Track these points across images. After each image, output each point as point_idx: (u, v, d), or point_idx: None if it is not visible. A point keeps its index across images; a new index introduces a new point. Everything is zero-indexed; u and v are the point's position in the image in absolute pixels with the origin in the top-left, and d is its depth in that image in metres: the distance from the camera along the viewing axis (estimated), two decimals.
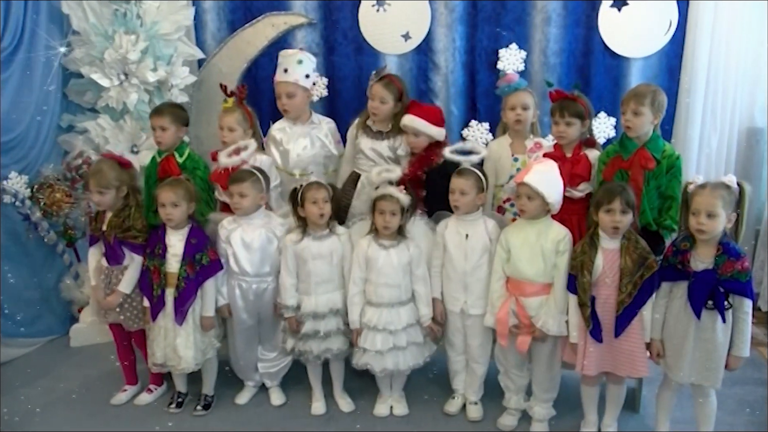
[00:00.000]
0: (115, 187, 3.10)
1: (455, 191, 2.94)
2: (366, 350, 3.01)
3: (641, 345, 2.75)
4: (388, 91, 3.41)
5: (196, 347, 3.09)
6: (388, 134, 3.47)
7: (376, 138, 3.48)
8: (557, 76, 3.89)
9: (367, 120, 3.51)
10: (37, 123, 3.88)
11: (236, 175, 3.07)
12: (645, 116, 2.87)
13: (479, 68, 4.00)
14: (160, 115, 3.39)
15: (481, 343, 3.09)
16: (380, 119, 3.46)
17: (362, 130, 3.52)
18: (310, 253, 3.04)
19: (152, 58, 3.82)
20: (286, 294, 3.09)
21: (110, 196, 3.10)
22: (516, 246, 2.86)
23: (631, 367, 2.77)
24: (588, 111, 3.08)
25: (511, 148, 3.42)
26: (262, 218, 3.15)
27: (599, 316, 2.73)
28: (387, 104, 3.41)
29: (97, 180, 3.08)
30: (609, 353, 2.78)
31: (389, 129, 3.46)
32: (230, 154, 3.19)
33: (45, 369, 3.69)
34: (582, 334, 2.78)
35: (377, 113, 3.43)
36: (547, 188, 2.78)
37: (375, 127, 3.49)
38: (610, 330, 2.74)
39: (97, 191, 3.09)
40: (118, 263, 3.16)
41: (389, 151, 3.45)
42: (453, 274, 3.02)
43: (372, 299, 3.01)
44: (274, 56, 4.05)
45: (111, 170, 3.11)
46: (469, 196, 2.94)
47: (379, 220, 2.96)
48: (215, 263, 3.08)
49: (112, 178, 3.09)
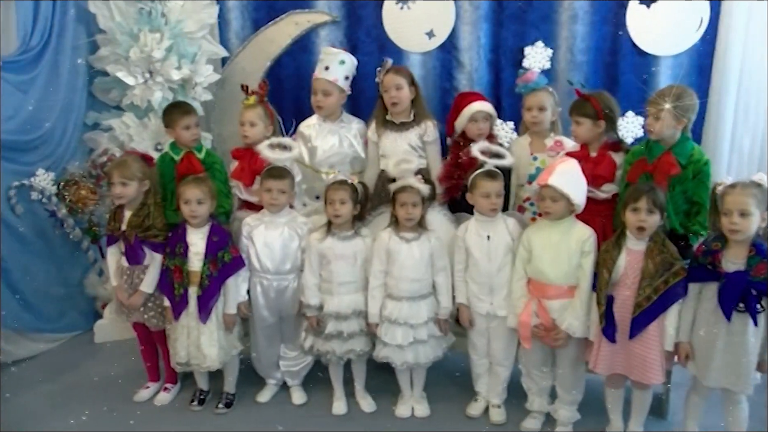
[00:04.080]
0: (138, 179, 3.12)
1: (491, 195, 2.92)
2: (386, 344, 3.02)
3: (656, 351, 2.71)
4: (401, 77, 3.41)
5: (220, 345, 3.11)
6: (412, 123, 3.47)
7: (401, 130, 3.48)
8: (584, 74, 3.84)
9: (386, 116, 3.50)
10: (64, 121, 3.94)
11: (276, 171, 3.09)
12: (665, 121, 2.80)
13: (504, 66, 3.99)
14: (193, 113, 3.42)
15: (505, 345, 3.07)
16: (402, 108, 3.45)
17: (383, 126, 3.51)
18: (334, 253, 3.04)
19: (176, 56, 3.86)
20: (308, 293, 3.10)
21: (133, 188, 3.11)
22: (538, 247, 2.85)
23: (643, 372, 2.74)
24: (603, 111, 3.01)
25: (531, 147, 3.40)
26: (286, 216, 3.17)
27: (616, 317, 2.72)
28: (404, 89, 3.41)
29: (121, 171, 3.10)
30: (622, 355, 2.76)
31: (412, 118, 3.47)
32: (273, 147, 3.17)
33: (69, 364, 3.74)
34: (597, 332, 2.77)
35: (398, 101, 3.41)
36: (572, 189, 2.77)
37: (398, 120, 3.48)
38: (626, 332, 2.72)
39: (120, 182, 3.09)
40: (139, 263, 3.18)
41: (418, 140, 3.45)
42: (478, 276, 3.01)
43: (393, 293, 3.01)
44: (297, 55, 4.14)
45: (135, 162, 3.14)
46: (502, 198, 2.95)
47: (401, 212, 2.96)
48: (237, 260, 3.10)
49: (136, 170, 3.12)
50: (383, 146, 3.51)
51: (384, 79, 3.44)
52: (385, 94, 3.45)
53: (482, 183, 2.92)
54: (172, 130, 3.39)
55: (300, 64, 4.12)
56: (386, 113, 3.51)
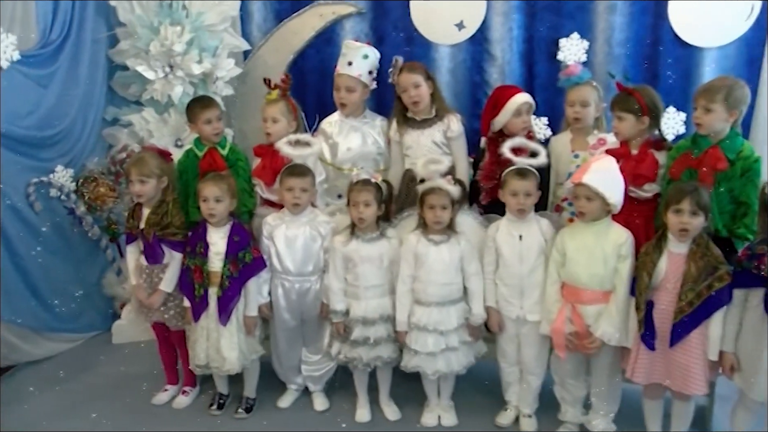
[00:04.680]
0: (156, 176, 3.15)
1: (519, 194, 2.89)
2: (417, 352, 3.00)
3: (699, 360, 2.67)
4: (417, 74, 3.39)
5: (240, 348, 3.12)
6: (434, 119, 3.45)
7: (424, 127, 3.46)
8: (622, 68, 3.77)
9: (406, 113, 3.49)
10: (83, 116, 3.99)
11: (297, 168, 3.09)
12: (717, 113, 2.76)
13: (538, 59, 3.96)
14: (214, 106, 3.42)
15: (537, 352, 3.04)
16: (423, 106, 3.43)
17: (405, 125, 3.49)
18: (359, 256, 3.03)
19: (197, 49, 3.89)
20: (334, 298, 3.10)
21: (151, 185, 3.14)
22: (572, 249, 2.82)
23: (684, 382, 2.70)
24: (647, 106, 2.96)
25: (572, 145, 3.37)
26: (307, 215, 3.17)
27: (655, 323, 2.69)
28: (422, 86, 3.39)
29: (139, 168, 3.13)
30: (662, 364, 2.73)
31: (434, 114, 3.45)
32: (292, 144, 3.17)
33: (87, 365, 3.79)
34: (636, 338, 2.74)
35: (418, 101, 3.40)
36: (607, 188, 2.73)
37: (419, 117, 3.47)
38: (666, 339, 2.69)
39: (138, 180, 3.12)
40: (158, 262, 3.21)
41: (441, 136, 3.43)
42: (508, 278, 2.98)
43: (421, 298, 2.99)
44: (321, 47, 4.14)
45: (153, 159, 3.18)
46: (533, 198, 2.92)
47: (429, 215, 2.94)
48: (258, 261, 3.11)
49: (154, 167, 3.14)
50: (406, 145, 3.50)
51: (399, 80, 3.41)
52: (403, 95, 3.43)
53: (511, 181, 2.91)
54: (194, 125, 3.41)
55: (324, 57, 4.12)
56: (406, 110, 3.50)
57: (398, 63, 3.46)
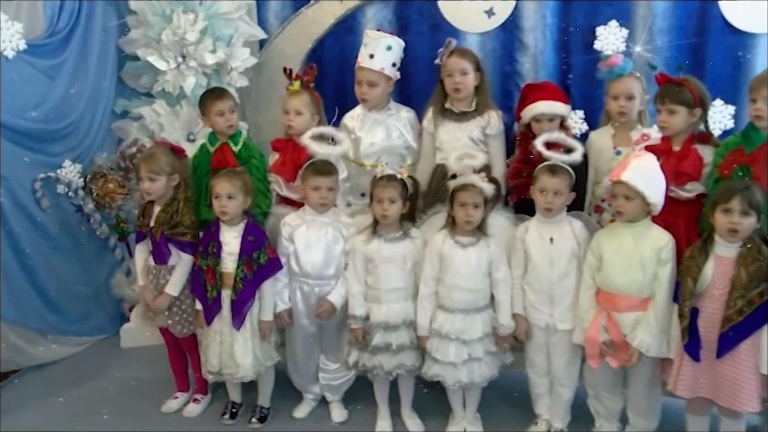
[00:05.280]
0: (166, 174, 3.15)
1: (548, 192, 2.86)
2: (437, 360, 2.97)
3: (750, 374, 2.61)
4: (467, 61, 3.35)
5: (255, 354, 3.12)
6: (474, 114, 3.41)
7: (461, 120, 3.42)
8: (664, 58, 3.74)
9: (445, 104, 3.45)
10: (92, 109, 4.01)
11: (324, 166, 3.06)
12: None
13: (573, 48, 3.92)
14: (227, 97, 3.41)
15: (567, 363, 3.01)
16: (465, 95, 3.39)
17: (441, 115, 3.45)
18: (381, 257, 3.01)
19: (211, 38, 3.89)
20: (353, 302, 3.07)
21: (161, 183, 3.14)
22: (609, 253, 2.78)
23: (733, 397, 2.63)
24: (698, 98, 2.93)
25: (614, 141, 3.31)
26: (330, 216, 3.14)
27: (700, 332, 2.65)
28: (469, 75, 3.36)
29: (149, 165, 3.13)
30: (708, 377, 2.67)
31: (474, 108, 3.42)
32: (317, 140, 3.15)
33: (93, 370, 3.80)
34: (679, 348, 2.70)
35: (461, 88, 3.36)
36: (648, 186, 2.70)
37: (458, 109, 3.43)
38: (713, 350, 2.64)
39: (148, 177, 3.13)
40: (164, 262, 3.21)
41: (479, 132, 3.39)
42: (537, 284, 2.95)
43: (445, 303, 2.97)
44: (342, 36, 4.13)
45: (163, 155, 3.17)
46: (563, 197, 2.88)
47: (460, 213, 2.90)
48: (274, 262, 3.09)
49: (165, 164, 3.14)
50: (440, 138, 3.46)
51: (447, 62, 3.37)
52: (447, 79, 3.39)
53: (541, 177, 2.88)
54: (207, 117, 3.40)
55: (344, 46, 4.11)
56: (445, 100, 3.46)
57: (451, 44, 3.42)
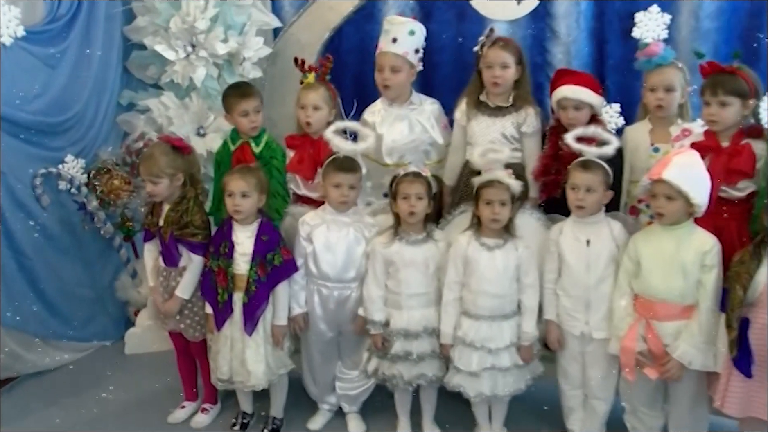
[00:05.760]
0: (168, 176, 3.12)
1: (579, 188, 2.82)
2: (459, 370, 2.95)
3: None
4: (509, 53, 3.30)
5: (267, 361, 3.10)
6: (510, 109, 3.37)
7: (496, 115, 3.37)
8: (712, 45, 3.70)
9: (480, 96, 3.41)
10: (96, 101, 3.99)
11: (346, 163, 3.05)
12: None
13: (609, 37, 3.90)
14: (252, 97, 3.38)
15: (604, 375, 2.96)
16: (503, 90, 3.35)
17: (476, 108, 3.41)
18: (402, 260, 2.99)
19: (223, 26, 3.86)
20: (372, 307, 3.05)
21: (164, 185, 3.12)
22: (648, 257, 2.74)
23: None
24: (753, 88, 2.85)
25: (651, 136, 3.23)
26: (351, 216, 3.13)
27: (752, 345, 2.58)
28: (510, 68, 3.31)
29: (148, 167, 3.12)
30: (762, 394, 2.59)
31: (511, 103, 3.37)
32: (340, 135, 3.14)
33: (96, 377, 3.79)
34: (727, 362, 2.64)
35: (501, 82, 3.31)
36: (691, 185, 2.64)
37: (493, 102, 3.38)
38: (766, 365, 2.57)
39: (150, 180, 3.12)
40: (174, 264, 3.20)
41: (514, 130, 3.35)
42: (572, 289, 2.91)
43: (469, 310, 2.94)
44: (361, 24, 4.16)
45: (163, 156, 3.13)
46: (596, 195, 2.83)
47: (486, 211, 2.87)
48: (289, 264, 3.08)
49: (164, 165, 3.11)
50: (472, 132, 3.41)
51: (488, 53, 3.32)
52: (486, 71, 3.33)
53: (572, 173, 2.86)
54: (230, 116, 3.40)
55: (364, 35, 4.14)
56: (481, 92, 3.41)
57: (493, 34, 3.37)
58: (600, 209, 2.88)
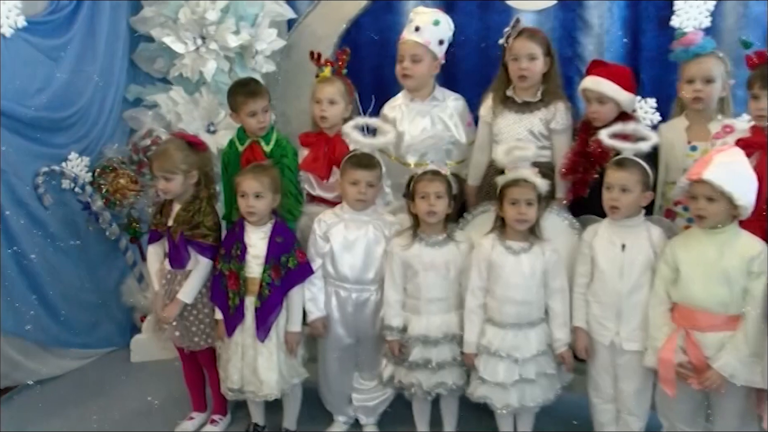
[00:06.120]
0: (183, 172, 3.10)
1: (614, 187, 2.77)
2: (485, 380, 2.91)
3: None
4: (536, 44, 3.26)
5: (281, 370, 3.08)
6: (539, 104, 3.34)
7: (524, 111, 3.34)
8: (762, 33, 3.59)
9: (506, 91, 3.39)
10: (101, 95, 3.98)
11: (364, 159, 3.03)
12: None
13: (645, 26, 3.86)
14: (260, 96, 3.33)
15: (638, 388, 2.90)
16: (531, 83, 3.32)
17: (502, 105, 3.38)
18: (422, 263, 2.96)
19: (234, 18, 3.85)
20: (389, 312, 3.03)
21: (177, 182, 3.10)
22: (687, 263, 2.68)
23: None
24: None
25: (688, 134, 3.17)
26: (370, 214, 3.12)
27: None
28: (537, 60, 3.27)
29: (162, 163, 3.09)
30: None
31: (539, 98, 3.34)
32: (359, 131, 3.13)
33: (100, 386, 3.77)
34: None
35: (528, 75, 3.27)
36: (735, 186, 2.58)
37: (520, 98, 3.35)
38: None
39: (162, 176, 3.10)
40: (182, 266, 3.17)
41: (542, 126, 3.32)
42: (604, 296, 2.86)
43: (494, 317, 2.92)
44: (380, 15, 4.18)
45: (178, 151, 3.12)
46: (632, 195, 2.77)
47: (511, 211, 2.84)
48: (304, 267, 3.07)
49: (179, 161, 3.09)
50: (498, 129, 3.39)
51: (513, 44, 3.29)
52: (512, 63, 3.30)
53: (608, 172, 2.82)
54: (237, 115, 3.39)
55: (383, 27, 4.14)
56: (507, 87, 3.38)
57: (518, 24, 3.34)
58: (638, 212, 2.83)
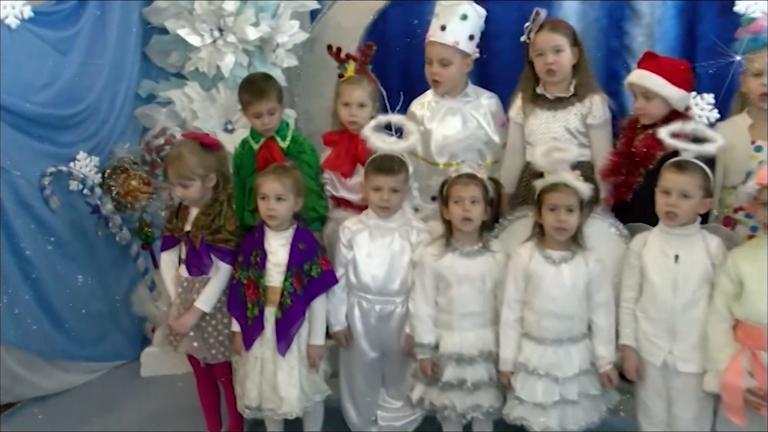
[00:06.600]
0: (200, 177, 3.06)
1: (671, 192, 2.68)
2: (522, 400, 2.86)
3: None
4: (560, 35, 3.23)
5: (302, 386, 3.04)
6: (572, 99, 3.30)
7: (557, 108, 3.31)
8: None
9: (536, 88, 3.35)
10: (111, 91, 3.98)
11: (386, 163, 3.01)
12: None
13: (703, 14, 3.78)
14: (267, 97, 3.31)
15: (696, 415, 2.80)
16: (560, 77, 3.28)
17: (532, 103, 3.35)
18: (456, 275, 2.92)
19: (254, 9, 3.84)
20: (420, 327, 2.98)
21: (196, 188, 3.07)
22: (753, 277, 2.59)
23: None
24: None
25: (752, 133, 3.11)
26: (397, 221, 3.09)
27: None
28: (564, 52, 3.23)
29: (177, 169, 3.06)
30: None
31: (572, 92, 3.30)
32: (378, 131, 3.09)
33: (109, 402, 3.75)
34: None
35: (556, 68, 3.24)
36: None
37: (552, 94, 3.31)
38: None
39: (179, 183, 3.07)
40: (204, 273, 3.12)
41: (579, 122, 3.29)
42: (655, 311, 2.78)
43: (533, 332, 2.87)
44: (409, 6, 4.09)
45: (192, 155, 3.07)
46: (692, 201, 2.68)
47: (550, 218, 2.79)
48: (328, 275, 3.05)
49: (195, 165, 3.05)
50: (530, 130, 3.36)
51: (536, 39, 3.26)
52: (537, 59, 3.27)
53: (665, 175, 2.73)
54: (245, 113, 3.40)
55: (411, 18, 4.08)
56: (536, 85, 3.34)
57: (539, 16, 3.29)
58: (695, 219, 2.74)
